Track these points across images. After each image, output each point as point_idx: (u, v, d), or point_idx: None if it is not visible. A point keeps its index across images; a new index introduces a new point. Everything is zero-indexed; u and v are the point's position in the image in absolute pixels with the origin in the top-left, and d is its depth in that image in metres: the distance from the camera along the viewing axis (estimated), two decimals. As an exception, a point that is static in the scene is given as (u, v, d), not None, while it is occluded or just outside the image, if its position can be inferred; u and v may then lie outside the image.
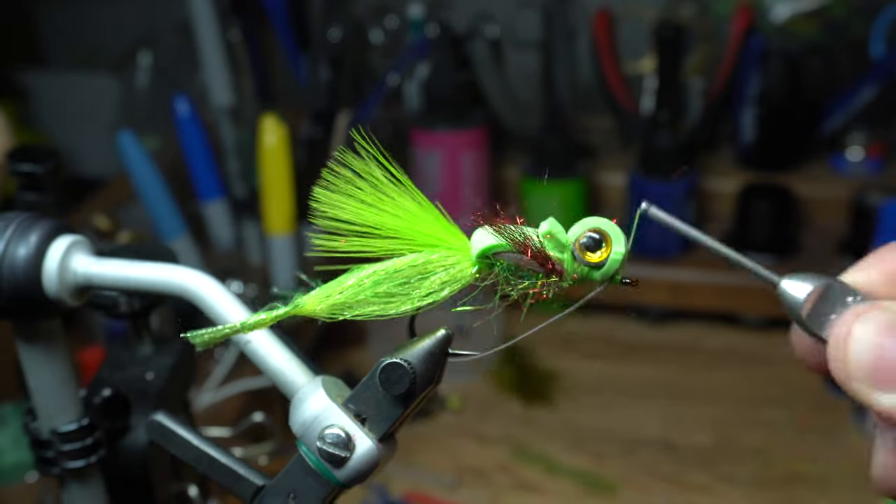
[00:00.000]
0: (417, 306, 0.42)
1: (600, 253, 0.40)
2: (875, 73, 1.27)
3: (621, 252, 0.40)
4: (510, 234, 0.41)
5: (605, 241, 0.40)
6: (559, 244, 0.41)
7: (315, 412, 0.45)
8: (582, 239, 0.40)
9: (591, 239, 0.40)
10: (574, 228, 0.41)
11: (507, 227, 0.41)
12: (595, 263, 0.40)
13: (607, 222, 0.41)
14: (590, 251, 0.40)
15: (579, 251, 0.40)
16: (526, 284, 0.41)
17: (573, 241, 0.41)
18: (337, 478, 0.45)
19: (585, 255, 0.40)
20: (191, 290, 0.48)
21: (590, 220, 0.41)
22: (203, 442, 0.51)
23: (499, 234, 0.41)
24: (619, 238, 0.40)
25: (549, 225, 0.41)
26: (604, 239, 0.40)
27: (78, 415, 0.54)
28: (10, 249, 0.47)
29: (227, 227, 1.20)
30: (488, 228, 0.41)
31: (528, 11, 1.30)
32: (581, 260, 0.40)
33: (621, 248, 0.40)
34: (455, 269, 0.42)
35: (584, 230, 0.40)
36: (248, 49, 1.22)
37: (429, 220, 0.42)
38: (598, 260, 0.40)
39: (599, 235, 0.40)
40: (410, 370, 0.43)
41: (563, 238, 0.41)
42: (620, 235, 0.40)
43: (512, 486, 1.00)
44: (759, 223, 1.22)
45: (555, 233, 0.41)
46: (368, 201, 0.42)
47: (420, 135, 1.26)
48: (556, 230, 0.41)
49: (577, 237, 0.40)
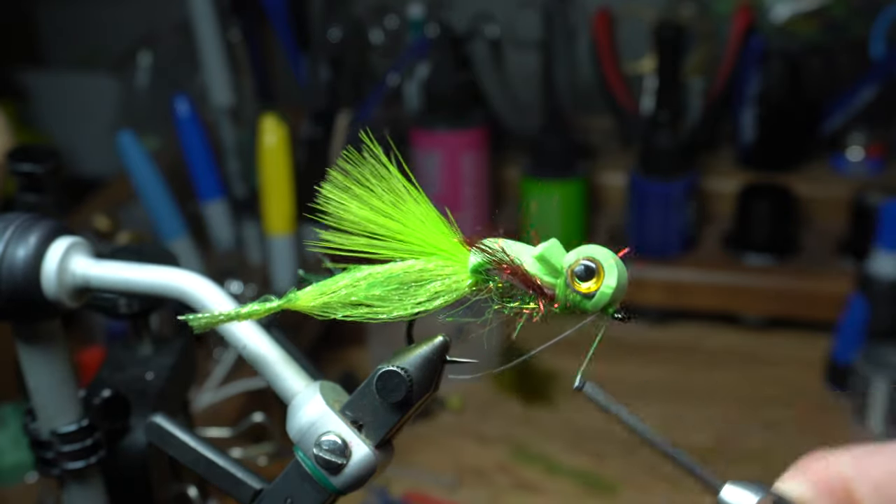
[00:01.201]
0: (411, 313, 0.42)
1: (591, 284, 0.39)
2: (875, 73, 1.27)
3: (612, 286, 0.39)
4: (500, 255, 0.40)
5: (598, 271, 0.39)
6: (552, 269, 0.40)
7: (311, 418, 0.45)
8: (576, 267, 0.39)
9: (584, 268, 0.39)
10: (570, 255, 0.40)
11: (493, 247, 0.40)
12: (584, 294, 0.39)
13: (603, 253, 0.39)
14: (581, 280, 0.39)
15: (571, 279, 0.39)
16: (516, 304, 0.41)
17: (567, 267, 0.39)
18: (333, 484, 0.45)
19: (576, 284, 0.39)
20: (188, 292, 0.48)
21: (587, 249, 0.39)
22: (201, 444, 0.51)
23: (487, 255, 0.40)
24: (613, 271, 0.39)
25: (543, 248, 0.40)
26: (597, 269, 0.39)
27: (78, 416, 0.54)
28: (9, 250, 0.47)
29: (227, 227, 1.20)
30: (481, 244, 0.40)
31: (528, 11, 1.30)
32: (572, 288, 0.39)
33: (613, 281, 0.39)
34: (451, 279, 0.41)
35: (579, 258, 0.39)
36: (248, 49, 1.22)
37: (431, 226, 0.42)
38: (588, 291, 0.39)
39: (594, 265, 0.39)
40: (407, 378, 0.43)
41: (558, 263, 0.40)
42: (614, 269, 0.39)
43: (512, 486, 1.00)
44: (759, 223, 1.22)
45: (548, 256, 0.39)
46: (372, 203, 0.42)
47: (420, 135, 1.26)
48: (552, 254, 0.39)
49: (572, 265, 0.39)
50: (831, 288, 1.16)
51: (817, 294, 1.17)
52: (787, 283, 1.19)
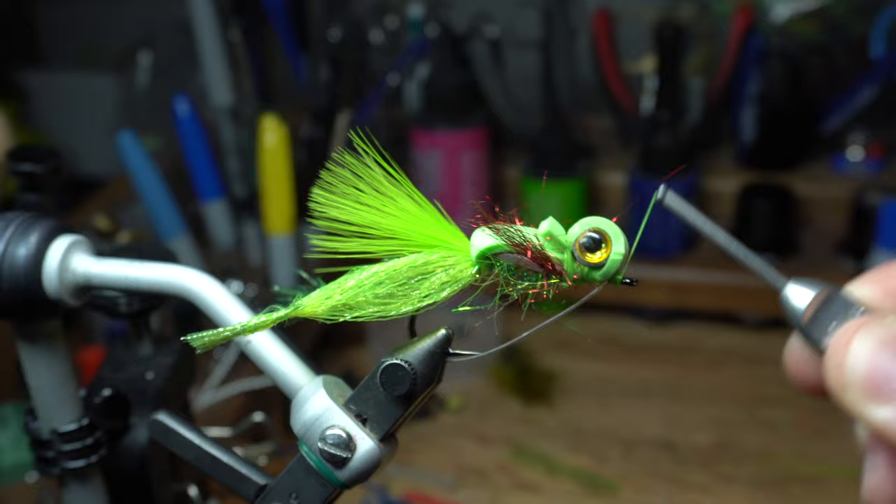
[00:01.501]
0: (417, 307, 0.42)
1: (600, 253, 0.40)
2: (875, 73, 1.27)
3: (621, 252, 0.40)
4: (509, 235, 0.40)
5: (604, 241, 0.40)
6: (559, 244, 0.40)
7: (316, 413, 0.45)
8: (581, 239, 0.40)
9: (590, 239, 0.40)
10: (573, 228, 0.40)
11: (506, 228, 0.41)
12: (595, 264, 0.40)
13: (607, 222, 0.40)
14: (589, 251, 0.40)
15: (579, 251, 0.40)
16: (526, 285, 0.41)
17: (573, 241, 0.40)
18: (338, 478, 0.45)
19: (585, 256, 0.40)
20: (191, 289, 0.48)
21: (589, 220, 0.40)
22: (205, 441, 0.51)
23: (498, 236, 0.41)
24: (619, 238, 0.40)
25: (548, 225, 0.40)
26: (603, 239, 0.40)
27: (78, 415, 0.54)
28: (10, 249, 0.47)
29: (227, 227, 1.20)
30: (488, 229, 0.41)
31: (528, 11, 1.30)
32: (581, 260, 0.40)
33: (621, 248, 0.40)
34: (455, 269, 0.42)
35: (584, 230, 0.40)
36: (248, 49, 1.22)
37: (428, 220, 0.42)
38: (598, 260, 0.40)
39: (599, 235, 0.40)
40: (411, 371, 0.43)
41: (563, 238, 0.40)
42: (620, 235, 0.40)
43: (512, 486, 1.00)
44: (759, 223, 1.22)
45: (554, 233, 0.40)
46: (368, 202, 0.42)
47: (420, 135, 1.26)
48: (556, 230, 0.40)
49: (577, 237, 0.40)
50: (831, 288, 1.16)
51: (817, 294, 1.17)
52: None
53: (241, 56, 1.21)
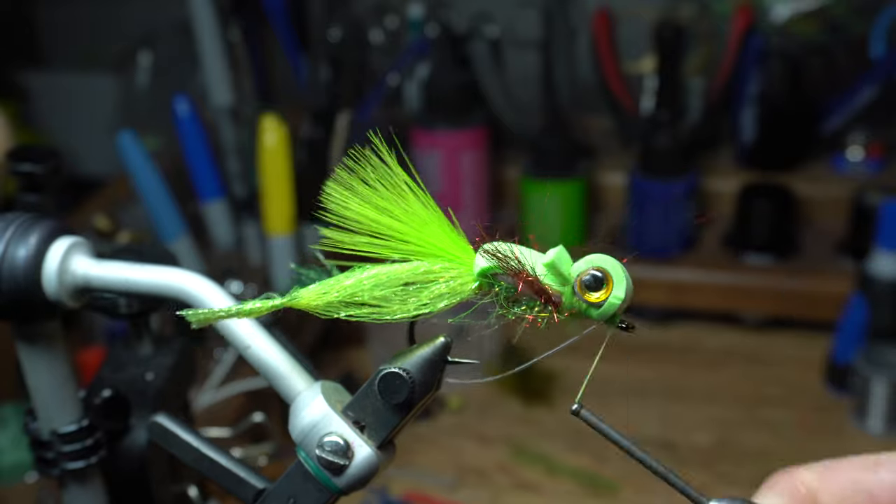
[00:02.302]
0: (413, 314, 0.42)
1: (600, 293, 0.39)
2: (875, 73, 1.27)
3: (620, 297, 0.39)
4: (508, 260, 0.40)
5: (606, 281, 0.39)
6: (561, 277, 0.40)
7: (314, 419, 0.44)
8: (584, 276, 0.39)
9: (592, 277, 0.39)
10: (578, 263, 0.39)
11: (506, 252, 0.40)
12: (593, 303, 0.39)
13: (612, 263, 0.39)
14: (590, 290, 0.39)
15: (579, 288, 0.39)
16: (522, 310, 0.41)
17: (575, 276, 0.39)
18: (336, 485, 0.45)
19: (584, 293, 0.39)
20: (188, 292, 0.48)
21: (595, 258, 0.39)
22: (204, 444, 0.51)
23: (496, 260, 0.40)
24: (622, 282, 0.39)
25: (553, 255, 0.39)
26: (606, 279, 0.39)
27: (78, 415, 0.54)
28: (9, 250, 0.47)
29: (227, 227, 1.20)
30: (490, 248, 0.40)
31: (528, 11, 1.30)
32: (580, 297, 0.39)
33: (622, 292, 0.39)
34: (455, 282, 0.41)
35: (588, 267, 0.39)
36: (248, 49, 1.22)
37: (436, 227, 0.42)
38: (597, 300, 0.39)
39: (602, 275, 0.39)
40: (409, 379, 0.43)
41: (566, 271, 0.39)
42: (623, 279, 0.39)
43: (512, 486, 1.00)
44: (759, 223, 1.22)
45: (558, 264, 0.39)
46: (377, 203, 0.42)
47: (420, 135, 1.26)
48: (560, 262, 0.39)
49: (580, 273, 0.39)
50: (831, 288, 1.16)
51: (817, 294, 1.17)
52: (787, 283, 1.19)
53: (241, 56, 1.21)
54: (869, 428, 1.04)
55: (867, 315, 1.07)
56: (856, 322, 1.08)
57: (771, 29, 1.32)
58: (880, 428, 1.04)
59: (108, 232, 1.02)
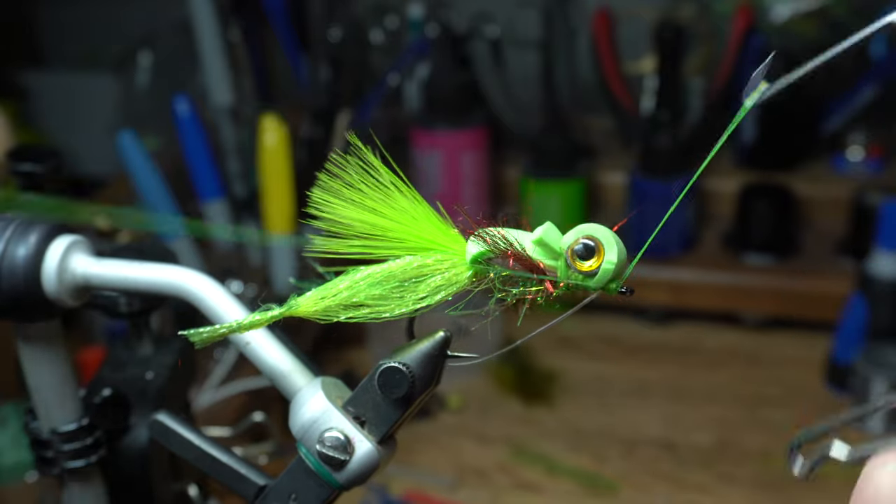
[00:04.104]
0: (412, 309, 0.42)
1: (592, 261, 0.39)
2: (875, 73, 1.27)
3: (613, 261, 0.39)
4: (496, 241, 0.40)
5: (598, 249, 0.39)
6: (552, 252, 0.40)
7: (314, 415, 0.45)
8: (575, 246, 0.39)
9: (583, 246, 0.39)
10: (567, 235, 0.40)
11: (493, 234, 0.40)
12: (587, 272, 0.39)
13: (602, 229, 0.39)
14: (582, 259, 0.39)
15: (571, 259, 0.39)
16: (519, 290, 0.41)
17: (566, 248, 0.39)
18: (337, 480, 0.45)
19: (577, 264, 0.39)
20: (189, 290, 0.48)
21: (584, 227, 0.39)
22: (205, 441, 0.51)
23: (484, 242, 0.40)
24: (613, 246, 0.39)
25: (541, 231, 0.40)
26: (597, 247, 0.39)
27: (78, 415, 0.54)
28: (9, 249, 0.47)
29: (227, 227, 1.20)
30: (479, 233, 0.41)
31: (528, 11, 1.30)
32: (573, 268, 0.39)
33: (614, 256, 0.39)
34: (451, 272, 0.41)
35: (578, 237, 0.39)
36: (248, 49, 1.22)
37: (426, 222, 0.42)
38: (590, 269, 0.39)
39: (592, 243, 0.39)
40: (409, 374, 0.43)
41: (556, 245, 0.40)
42: (614, 244, 0.39)
43: (512, 486, 1.00)
44: (759, 223, 1.22)
45: (547, 240, 0.40)
46: (364, 203, 0.42)
47: (420, 135, 1.26)
48: (549, 237, 0.40)
49: (570, 245, 0.39)
50: (831, 288, 1.16)
51: (817, 294, 1.17)
52: (787, 283, 1.19)
53: (241, 56, 1.21)
54: (869, 428, 1.04)
55: (867, 315, 1.07)
56: (856, 322, 1.08)
57: (771, 29, 1.32)
58: (880, 428, 1.04)
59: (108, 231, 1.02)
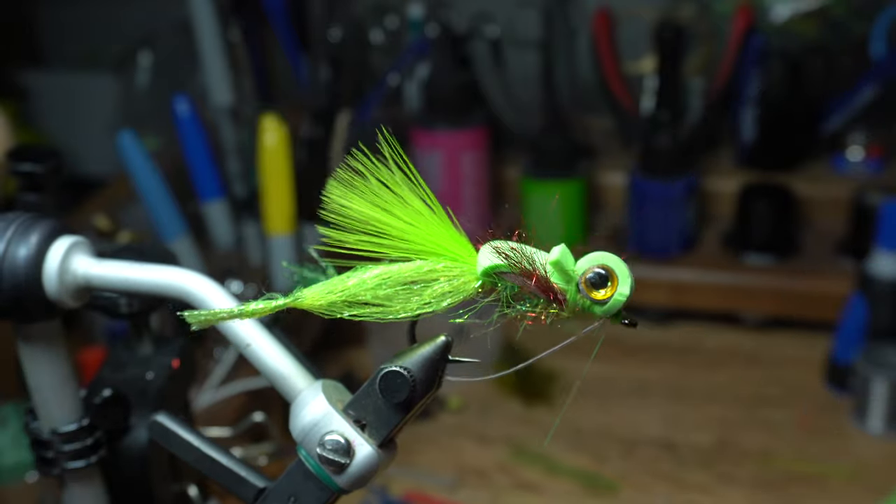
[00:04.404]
0: (416, 313, 0.42)
1: (605, 291, 0.40)
2: (875, 73, 1.27)
3: (625, 294, 0.40)
4: (517, 258, 0.40)
5: (611, 279, 0.40)
6: (565, 275, 0.40)
7: (315, 418, 0.45)
8: (588, 274, 0.40)
9: (597, 275, 0.40)
10: (581, 262, 0.40)
11: (514, 251, 0.40)
12: (598, 300, 0.40)
13: (617, 261, 0.40)
14: (595, 287, 0.40)
15: (584, 285, 0.40)
16: (526, 308, 0.41)
17: (580, 274, 0.40)
18: (337, 483, 0.45)
19: (590, 291, 0.40)
20: (189, 291, 0.48)
21: (599, 256, 0.40)
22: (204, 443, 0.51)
23: (505, 258, 0.40)
24: (627, 280, 0.40)
25: (558, 254, 0.40)
26: (610, 277, 0.40)
27: (78, 415, 0.54)
28: (10, 250, 0.47)
29: (227, 227, 1.20)
30: (496, 247, 0.41)
31: (528, 11, 1.30)
32: (585, 294, 0.40)
33: (627, 289, 0.40)
34: (458, 280, 0.41)
35: (592, 265, 0.40)
36: (248, 49, 1.22)
37: (439, 226, 0.42)
38: (602, 298, 0.40)
39: (606, 273, 0.40)
40: (410, 378, 0.43)
41: (570, 270, 0.40)
42: (628, 277, 0.40)
43: (512, 486, 1.00)
44: (759, 223, 1.22)
45: (563, 263, 0.40)
46: (379, 202, 0.42)
47: (420, 135, 1.26)
48: (565, 260, 0.40)
49: (584, 272, 0.40)
50: (831, 288, 1.16)
51: (817, 294, 1.17)
52: (787, 283, 1.19)
53: (241, 56, 1.21)
54: (869, 428, 1.04)
55: (867, 315, 1.07)
56: (856, 322, 1.08)
57: (771, 29, 1.32)
58: (880, 428, 1.04)
59: (108, 232, 1.02)
